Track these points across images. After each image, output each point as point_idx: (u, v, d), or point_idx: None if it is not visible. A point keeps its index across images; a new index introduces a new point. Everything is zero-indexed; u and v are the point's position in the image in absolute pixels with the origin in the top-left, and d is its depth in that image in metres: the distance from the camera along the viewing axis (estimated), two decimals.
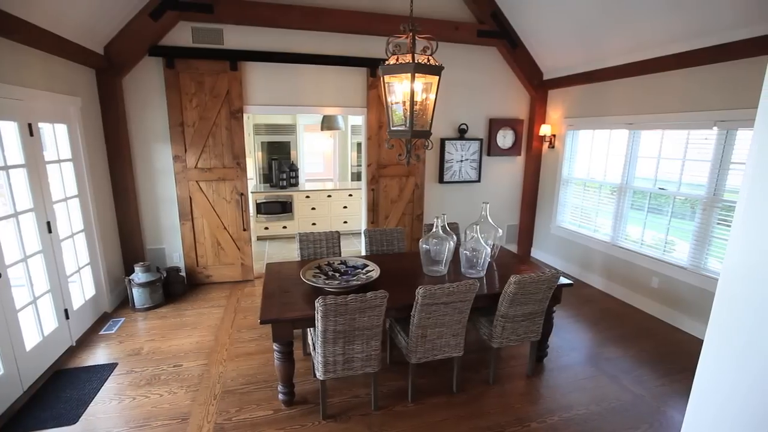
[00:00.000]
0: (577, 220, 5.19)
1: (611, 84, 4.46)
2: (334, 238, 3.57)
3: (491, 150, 5.45)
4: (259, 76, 4.45)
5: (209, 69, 4.22)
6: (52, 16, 2.90)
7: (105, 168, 4.06)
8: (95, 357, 3.22)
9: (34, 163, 2.93)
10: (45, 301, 3.07)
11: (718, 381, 1.39)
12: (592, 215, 4.96)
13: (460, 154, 5.33)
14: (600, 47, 4.26)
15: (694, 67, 3.55)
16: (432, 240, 2.96)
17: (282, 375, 2.60)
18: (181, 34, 4.12)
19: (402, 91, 2.38)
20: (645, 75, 4.00)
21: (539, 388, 2.93)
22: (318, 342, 2.35)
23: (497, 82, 5.31)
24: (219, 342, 3.46)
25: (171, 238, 4.60)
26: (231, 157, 4.48)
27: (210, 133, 4.36)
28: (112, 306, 4.05)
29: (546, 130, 5.39)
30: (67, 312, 3.29)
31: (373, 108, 4.81)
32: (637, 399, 2.81)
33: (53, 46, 3.04)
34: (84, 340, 3.46)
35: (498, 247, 3.38)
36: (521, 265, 3.34)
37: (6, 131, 2.72)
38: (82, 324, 3.54)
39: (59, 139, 3.37)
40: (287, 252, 6.05)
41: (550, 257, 5.65)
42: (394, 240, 3.75)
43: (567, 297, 4.45)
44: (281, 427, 2.49)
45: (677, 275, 3.83)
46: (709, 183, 3.53)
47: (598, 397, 2.82)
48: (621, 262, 4.47)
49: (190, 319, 3.86)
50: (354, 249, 6.22)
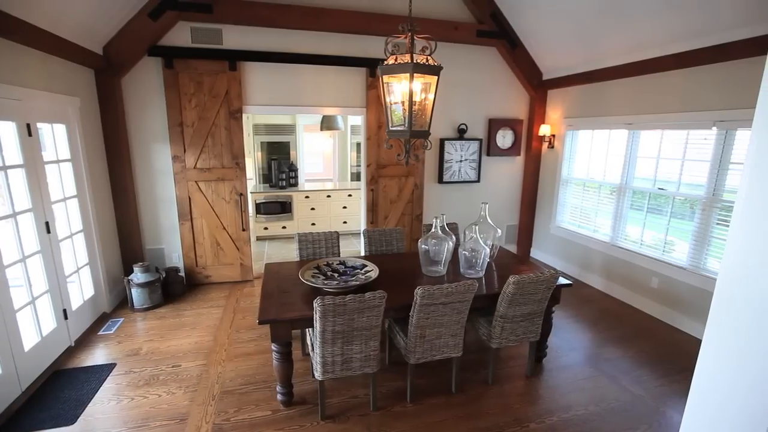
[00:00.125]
0: (577, 220, 5.19)
1: (611, 84, 4.46)
2: (333, 238, 3.57)
3: (491, 150, 5.45)
4: (259, 76, 4.45)
5: (208, 69, 4.22)
6: (51, 16, 2.90)
7: (104, 168, 4.06)
8: (94, 357, 3.22)
9: (32, 164, 2.92)
10: (44, 302, 3.07)
11: (716, 381, 1.38)
12: (591, 215, 4.96)
13: (459, 154, 5.33)
14: (599, 47, 4.26)
15: (693, 67, 3.55)
16: (431, 240, 2.96)
17: (280, 375, 2.60)
18: (180, 34, 4.12)
19: (401, 91, 2.38)
20: (644, 75, 4.00)
21: (538, 388, 2.92)
22: (316, 342, 2.34)
23: (497, 82, 5.31)
24: (218, 342, 3.46)
25: (170, 238, 4.60)
26: (230, 158, 4.47)
27: (209, 134, 4.36)
28: (111, 306, 4.04)
29: (545, 130, 5.38)
30: (66, 312, 3.28)
31: (373, 108, 4.80)
32: (637, 399, 2.81)
33: (52, 46, 3.03)
34: (83, 340, 3.46)
35: (497, 248, 3.38)
36: (520, 266, 3.34)
37: (4, 131, 2.72)
38: (80, 324, 3.54)
39: (58, 140, 3.36)
40: (286, 252, 6.05)
41: (549, 257, 5.65)
42: (393, 240, 3.75)
43: (566, 297, 4.45)
44: (280, 428, 2.49)
45: (677, 275, 3.83)
46: (709, 183, 3.52)
47: (597, 398, 2.82)
48: (620, 262, 4.47)
49: (189, 320, 3.86)
50: (353, 249, 6.22)
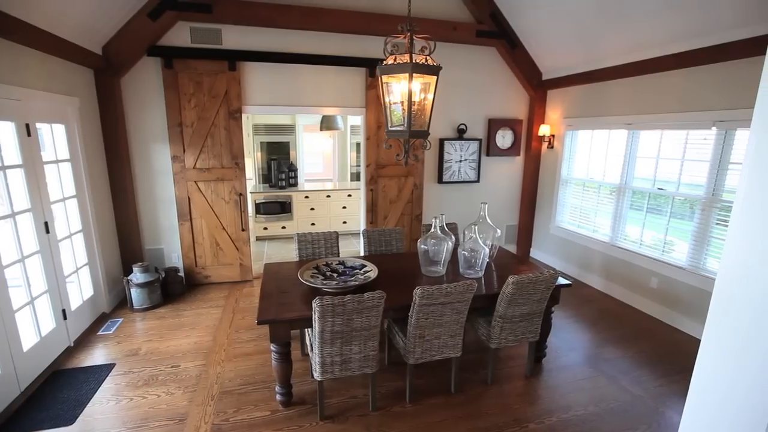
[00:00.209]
0: (576, 220, 5.19)
1: (610, 84, 4.45)
2: (332, 238, 3.57)
3: (490, 150, 5.45)
4: (258, 76, 4.45)
5: (208, 69, 4.21)
6: (50, 16, 2.90)
7: (103, 168, 4.06)
8: (93, 357, 3.21)
9: (31, 164, 2.92)
10: (42, 302, 3.07)
11: (715, 381, 1.38)
12: (591, 215, 4.96)
13: (459, 154, 5.33)
14: (599, 47, 4.26)
15: (693, 67, 3.55)
16: (430, 240, 2.96)
17: (279, 376, 2.59)
18: (180, 34, 4.12)
19: (400, 92, 2.38)
20: (644, 75, 3.99)
21: (537, 388, 2.92)
22: (315, 342, 2.34)
23: (496, 82, 5.31)
24: (217, 342, 3.46)
25: (169, 238, 4.60)
26: (230, 158, 4.47)
27: (208, 134, 4.35)
28: (110, 306, 4.04)
29: (545, 130, 5.38)
30: (65, 312, 3.28)
31: (372, 108, 4.80)
32: (636, 400, 2.80)
33: (51, 46, 3.03)
34: (82, 340, 3.46)
35: (496, 248, 3.37)
36: (520, 266, 3.34)
37: (3, 131, 2.72)
38: (80, 324, 3.54)
39: (57, 140, 3.36)
40: (286, 252, 6.05)
41: (549, 257, 5.64)
42: (392, 240, 3.75)
43: (566, 297, 4.44)
44: (279, 428, 2.48)
45: (676, 275, 3.83)
46: (708, 183, 3.52)
47: (596, 398, 2.82)
48: (620, 262, 4.46)
49: (188, 320, 3.86)
50: (353, 249, 6.22)
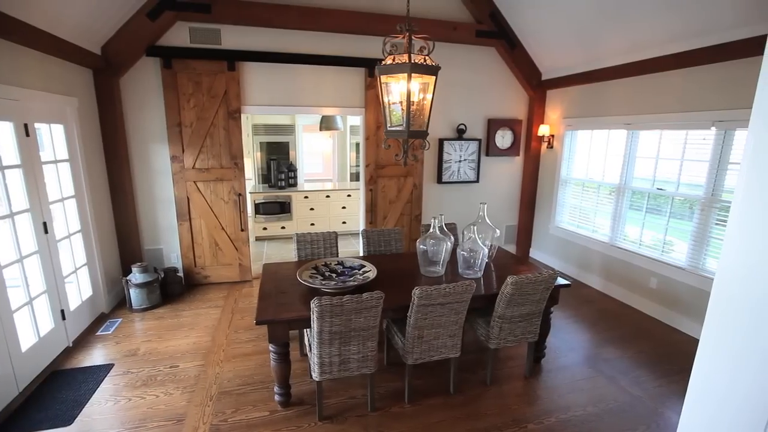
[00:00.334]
0: (576, 220, 5.18)
1: (610, 84, 4.45)
2: (331, 238, 3.56)
3: (490, 150, 5.44)
4: (257, 76, 4.45)
5: (207, 69, 4.21)
6: (49, 16, 2.89)
7: (102, 168, 4.06)
8: (92, 358, 3.21)
9: (30, 164, 2.92)
10: (41, 302, 3.06)
11: (713, 382, 1.37)
12: (590, 215, 4.95)
13: (458, 154, 5.32)
14: (598, 47, 4.25)
15: (692, 67, 3.54)
16: (429, 240, 2.95)
17: (278, 376, 2.59)
18: (179, 34, 4.12)
19: (399, 92, 2.37)
20: (644, 75, 3.99)
21: (536, 389, 2.92)
22: (314, 343, 2.34)
23: (496, 82, 5.31)
24: (216, 343, 3.46)
25: (169, 238, 4.59)
26: (229, 158, 4.47)
27: (208, 134, 4.35)
28: (109, 307, 4.04)
29: (544, 130, 5.38)
30: (64, 313, 3.28)
31: (371, 108, 4.80)
32: (635, 400, 2.80)
33: (50, 46, 3.03)
34: (81, 340, 3.45)
35: (495, 248, 3.37)
36: (519, 266, 3.33)
37: (2, 131, 2.72)
38: (78, 325, 3.53)
39: (56, 140, 3.35)
40: (285, 252, 6.04)
41: (548, 257, 5.64)
42: (391, 240, 3.74)
43: (565, 297, 4.44)
44: (277, 429, 2.48)
45: (676, 276, 3.83)
46: (708, 183, 3.52)
47: (595, 399, 2.81)
48: (619, 262, 4.46)
49: (187, 320, 3.86)
50: (352, 249, 6.21)
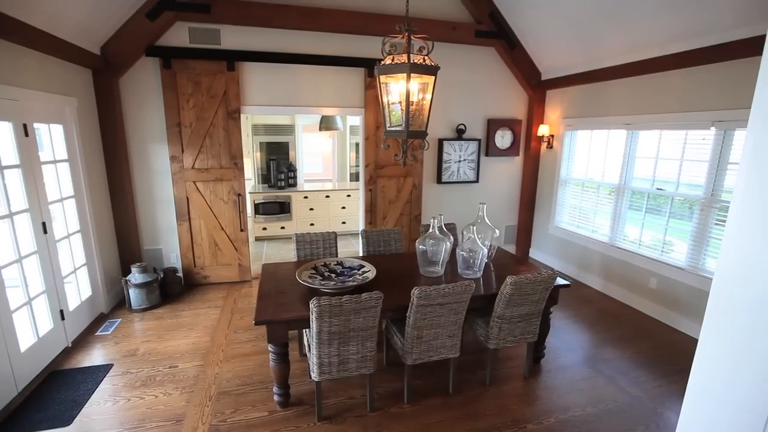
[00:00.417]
0: (576, 220, 5.18)
1: (609, 84, 4.45)
2: (330, 238, 3.56)
3: (489, 150, 5.44)
4: (257, 76, 4.44)
5: (206, 69, 4.21)
6: (48, 16, 2.89)
7: (102, 168, 4.06)
8: (91, 358, 3.21)
9: (29, 164, 2.92)
10: (40, 302, 3.06)
11: (712, 382, 1.37)
12: (590, 216, 4.95)
13: (458, 154, 5.32)
14: (598, 47, 4.25)
15: (692, 67, 3.54)
16: (429, 241, 2.95)
17: (277, 376, 2.59)
18: (178, 34, 4.12)
19: (398, 92, 2.37)
20: (643, 75, 3.99)
21: (536, 389, 2.92)
22: (313, 343, 2.34)
23: (495, 82, 5.30)
24: (215, 343, 3.45)
25: (168, 238, 4.59)
26: (228, 158, 4.47)
27: (207, 134, 4.35)
28: (108, 307, 4.04)
29: (544, 130, 5.37)
30: (63, 313, 3.28)
31: (371, 108, 4.80)
32: (635, 400, 2.80)
33: (49, 46, 3.03)
34: (80, 341, 3.45)
35: (495, 248, 3.37)
36: (518, 266, 3.33)
37: (1, 132, 2.72)
38: (78, 325, 3.53)
39: (55, 140, 3.35)
40: (285, 252, 6.04)
41: (548, 258, 5.64)
42: (391, 240, 3.74)
43: (565, 298, 4.44)
44: (276, 429, 2.48)
45: (675, 276, 3.82)
46: (707, 183, 3.52)
47: (595, 399, 2.81)
48: (619, 262, 4.46)
49: (186, 320, 3.85)
50: (352, 249, 6.21)
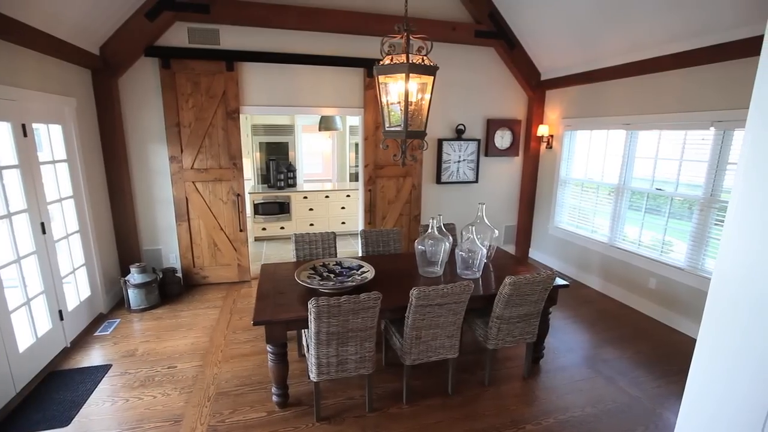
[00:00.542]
0: (575, 220, 5.17)
1: (609, 84, 4.45)
2: (329, 238, 3.56)
3: (489, 150, 5.44)
4: (256, 76, 4.44)
5: (205, 69, 4.21)
6: (47, 16, 2.89)
7: (101, 169, 4.05)
8: (90, 358, 3.20)
9: (27, 164, 2.91)
10: (39, 303, 3.06)
11: (711, 382, 1.37)
12: (589, 216, 4.95)
13: (457, 154, 5.32)
14: (598, 47, 4.25)
15: (692, 67, 3.53)
16: (428, 241, 2.95)
17: (276, 377, 2.58)
18: (177, 34, 4.11)
19: (397, 92, 2.37)
20: (643, 75, 3.98)
21: (535, 389, 2.91)
22: (311, 343, 2.33)
23: (495, 82, 5.30)
24: (214, 343, 3.45)
25: (167, 238, 4.59)
26: (227, 158, 4.46)
27: (206, 134, 4.35)
28: (107, 307, 4.03)
29: (544, 130, 5.37)
30: (62, 313, 3.27)
31: (370, 108, 4.79)
32: (634, 401, 2.79)
33: (48, 46, 3.02)
34: (79, 341, 3.45)
35: (494, 248, 3.36)
36: (518, 266, 3.33)
37: None
38: (76, 325, 3.53)
39: (54, 140, 3.35)
40: (285, 253, 6.04)
41: (547, 258, 5.63)
42: (390, 241, 3.74)
43: (564, 298, 4.43)
44: (275, 429, 2.47)
45: (675, 276, 3.82)
46: (707, 183, 3.51)
47: (594, 399, 2.81)
48: (618, 262, 4.45)
49: (185, 320, 3.85)
50: (352, 250, 6.21)
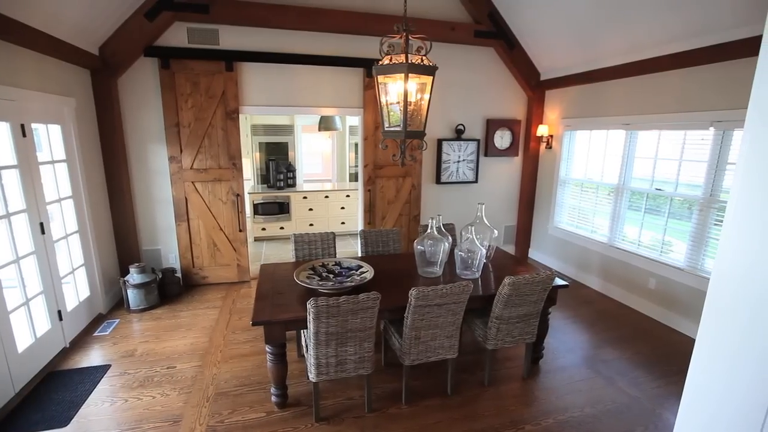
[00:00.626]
0: (575, 220, 5.17)
1: (608, 84, 4.44)
2: (329, 239, 3.55)
3: (488, 150, 5.44)
4: (255, 76, 4.44)
5: (205, 69, 4.21)
6: (46, 16, 2.89)
7: (100, 169, 4.05)
8: (89, 358, 3.20)
9: (26, 164, 2.91)
10: (38, 303, 3.06)
11: (710, 382, 1.37)
12: (589, 216, 4.94)
13: (457, 154, 5.32)
14: (597, 47, 4.25)
15: (691, 67, 3.53)
16: (427, 241, 2.94)
17: (275, 377, 2.58)
18: (177, 34, 4.11)
19: (396, 92, 2.37)
20: (642, 75, 3.98)
21: (534, 390, 2.91)
22: (310, 344, 2.33)
23: (494, 82, 5.30)
24: (213, 343, 3.45)
25: (167, 239, 4.58)
26: (227, 158, 4.46)
27: (206, 134, 4.34)
28: (107, 307, 4.03)
29: (543, 130, 5.37)
30: (61, 313, 3.27)
31: (370, 108, 4.79)
32: (633, 401, 2.79)
33: (47, 46, 3.02)
34: (78, 341, 3.44)
35: (493, 248, 3.36)
36: (517, 266, 3.33)
37: None
38: (76, 325, 3.52)
39: (53, 140, 3.35)
40: (284, 253, 6.04)
41: (547, 258, 5.63)
42: (389, 241, 3.73)
43: (564, 298, 4.43)
44: (274, 430, 2.47)
45: (674, 276, 3.82)
46: (706, 183, 3.51)
47: (593, 400, 2.80)
48: (618, 263, 4.45)
49: (185, 321, 3.85)
50: (351, 250, 6.21)
